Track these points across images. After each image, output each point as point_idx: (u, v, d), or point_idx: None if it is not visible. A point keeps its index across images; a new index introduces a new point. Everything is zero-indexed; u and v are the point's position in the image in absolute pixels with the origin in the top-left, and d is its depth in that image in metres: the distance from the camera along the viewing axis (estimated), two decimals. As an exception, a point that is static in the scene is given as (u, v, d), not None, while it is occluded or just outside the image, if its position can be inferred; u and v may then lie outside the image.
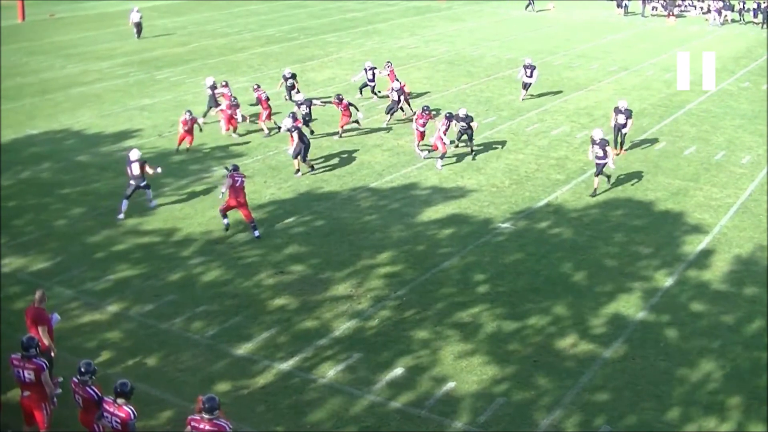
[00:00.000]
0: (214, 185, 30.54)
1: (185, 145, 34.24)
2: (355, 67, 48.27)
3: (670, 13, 73.86)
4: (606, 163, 29.35)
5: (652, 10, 76.07)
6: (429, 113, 33.82)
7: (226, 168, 27.05)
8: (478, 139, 35.44)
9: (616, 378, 18.76)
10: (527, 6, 77.20)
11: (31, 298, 18.62)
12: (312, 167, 32.02)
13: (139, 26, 61.21)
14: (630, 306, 21.99)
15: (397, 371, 19.02)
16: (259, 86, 37.81)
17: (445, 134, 32.35)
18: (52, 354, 17.58)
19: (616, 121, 33.50)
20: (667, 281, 23.40)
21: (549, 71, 50.24)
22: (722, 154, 34.14)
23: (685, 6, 77.06)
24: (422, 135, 33.93)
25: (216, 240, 26.18)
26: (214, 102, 37.77)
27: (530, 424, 17.24)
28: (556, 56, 55.54)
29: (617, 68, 51.57)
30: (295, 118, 31.32)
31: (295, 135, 30.71)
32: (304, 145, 31.08)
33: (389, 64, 42.66)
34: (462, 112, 33.58)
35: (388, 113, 38.18)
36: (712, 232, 26.64)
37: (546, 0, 78.17)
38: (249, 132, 37.19)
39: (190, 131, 33.93)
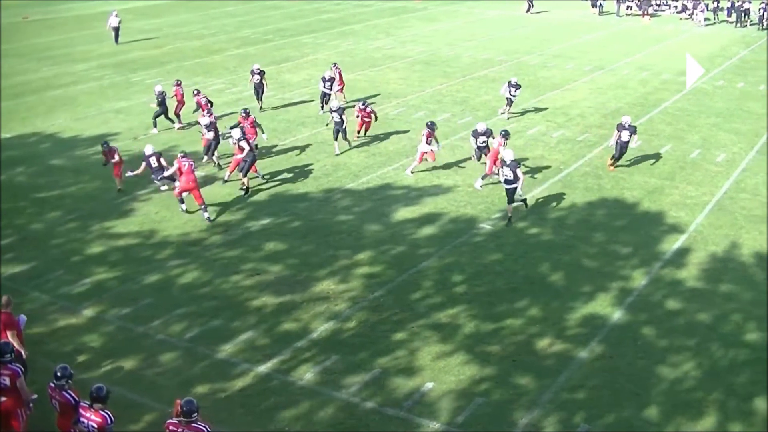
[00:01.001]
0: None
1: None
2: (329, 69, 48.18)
3: (645, 13, 74.13)
4: (515, 188, 27.22)
5: (627, 9, 76.35)
6: (366, 108, 35.55)
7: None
8: (454, 140, 35.54)
9: (595, 377, 18.81)
10: (528, 9, 76.72)
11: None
12: (247, 190, 30.40)
13: (117, 30, 60.70)
14: (607, 305, 22.05)
15: (375, 372, 19.01)
16: (199, 91, 37.48)
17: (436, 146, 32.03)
18: (24, 356, 17.51)
19: (619, 138, 31.62)
20: (644, 280, 23.48)
21: (524, 71, 50.37)
22: (698, 152, 34.29)
23: (660, 5, 77.35)
24: (363, 124, 35.69)
25: (193, 242, 26.11)
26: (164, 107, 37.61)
27: (509, 423, 17.26)
28: (532, 56, 55.66)
29: (592, 68, 51.72)
30: (243, 131, 30.49)
31: (244, 145, 29.87)
32: (249, 159, 30.02)
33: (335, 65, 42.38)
34: (480, 128, 31.77)
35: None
36: (688, 231, 26.74)
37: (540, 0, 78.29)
38: (224, 134, 37.00)
39: (115, 162, 30.74)
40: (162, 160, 29.19)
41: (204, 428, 13.68)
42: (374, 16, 75.02)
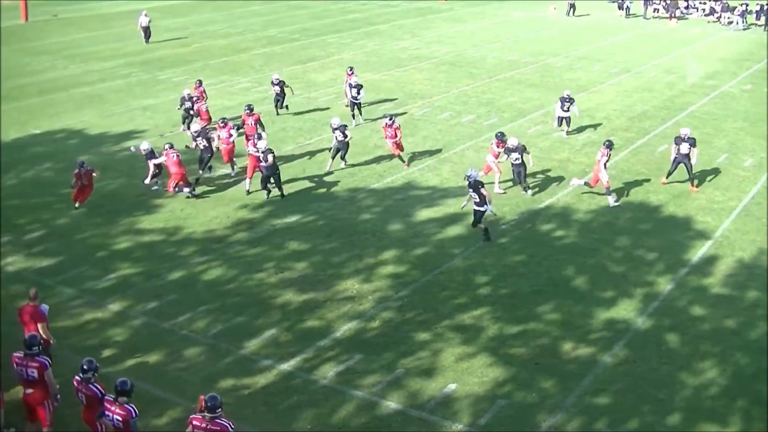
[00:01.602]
0: (215, 185, 30.58)
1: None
2: (356, 68, 48.13)
3: (672, 15, 73.85)
4: (486, 210, 25.91)
5: (654, 12, 76.02)
6: (393, 124, 32.64)
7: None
8: (479, 141, 35.57)
9: (618, 381, 18.74)
10: (568, 11, 76.10)
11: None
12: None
13: (147, 30, 60.67)
14: (632, 309, 21.97)
15: (398, 373, 19.01)
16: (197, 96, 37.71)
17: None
18: (51, 342, 17.69)
19: (678, 152, 30.13)
20: (669, 285, 23.38)
21: (551, 73, 50.33)
22: (725, 156, 34.12)
23: (687, 8, 77.01)
24: (395, 146, 32.98)
25: (218, 239, 26.19)
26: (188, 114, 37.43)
27: (531, 426, 17.22)
28: (558, 58, 55.54)
29: (619, 70, 51.56)
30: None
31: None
32: (276, 172, 29.48)
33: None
34: (512, 143, 29.95)
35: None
36: (714, 236, 26.61)
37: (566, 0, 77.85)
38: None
39: (84, 185, 28.53)
40: (151, 161, 29.75)
41: (227, 424, 13.73)
42: (400, 17, 75.04)
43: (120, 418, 14.00)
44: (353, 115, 38.88)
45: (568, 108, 36.79)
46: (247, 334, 20.59)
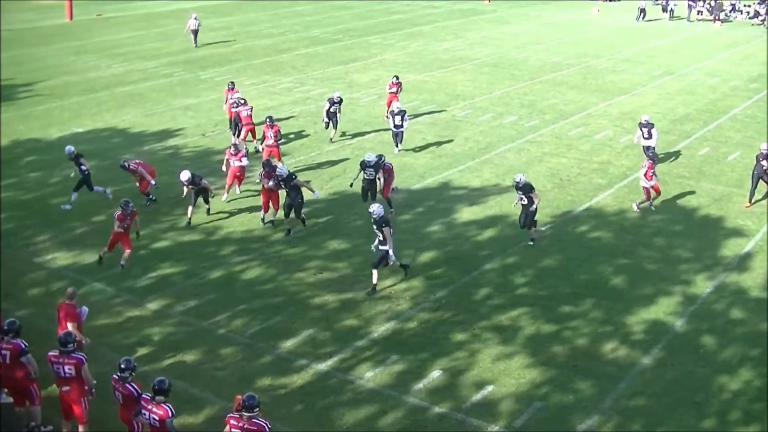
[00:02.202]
0: (255, 184, 30.69)
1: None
2: (398, 69, 48.24)
3: (716, 18, 73.29)
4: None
5: (698, 14, 75.46)
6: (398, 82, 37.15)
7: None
8: (520, 143, 35.53)
9: (655, 384, 18.68)
10: (638, 17, 74.64)
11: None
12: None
13: (195, 33, 60.22)
14: (669, 312, 21.89)
15: (435, 374, 19.05)
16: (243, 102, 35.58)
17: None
18: (84, 342, 17.84)
19: (761, 169, 28.91)
20: (707, 288, 23.27)
21: (593, 75, 50.12)
22: (767, 160, 33.84)
23: (732, 10, 76.41)
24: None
25: (256, 239, 26.33)
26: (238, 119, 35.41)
27: (567, 428, 17.21)
28: (601, 60, 55.32)
29: (661, 73, 51.27)
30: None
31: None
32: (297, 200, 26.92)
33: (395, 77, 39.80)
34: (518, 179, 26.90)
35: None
36: (754, 239, 26.44)
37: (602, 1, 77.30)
38: (290, 133, 37.27)
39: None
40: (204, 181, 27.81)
41: (264, 424, 13.81)
42: (443, 18, 74.99)
43: (157, 418, 14.12)
44: (396, 143, 34.97)
45: (650, 133, 32.37)
46: (285, 334, 20.69)
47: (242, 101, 34.83)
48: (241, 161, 29.32)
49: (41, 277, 23.77)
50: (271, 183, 26.86)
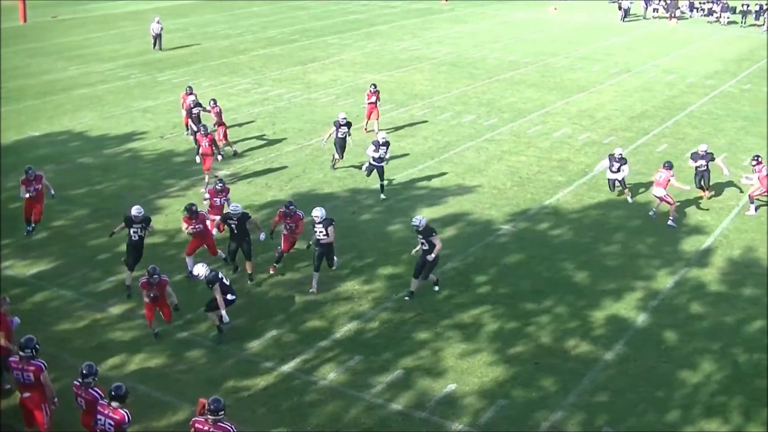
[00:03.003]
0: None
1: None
2: (356, 69, 48.25)
3: (672, 15, 73.89)
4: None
5: (654, 12, 76.06)
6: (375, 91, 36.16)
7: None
8: (479, 142, 35.63)
9: (618, 380, 18.80)
10: (622, 17, 74.90)
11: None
12: None
13: (158, 37, 59.59)
14: (631, 308, 22.04)
15: (398, 373, 19.06)
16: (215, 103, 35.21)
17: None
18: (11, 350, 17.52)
19: (697, 168, 29.93)
20: (668, 283, 23.46)
21: (551, 73, 50.37)
22: (724, 156, 34.09)
23: (688, 8, 77.03)
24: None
25: (219, 240, 26.14)
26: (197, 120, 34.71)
27: (532, 425, 17.28)
28: (558, 58, 55.61)
29: (619, 70, 51.63)
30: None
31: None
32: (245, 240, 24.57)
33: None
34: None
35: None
36: (713, 234, 26.69)
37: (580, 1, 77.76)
38: (250, 134, 37.15)
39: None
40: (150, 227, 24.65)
41: (229, 427, 13.76)
42: (400, 17, 75.06)
43: (113, 423, 14.02)
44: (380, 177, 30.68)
45: (619, 169, 29.67)
46: (248, 336, 20.63)
47: (198, 103, 34.83)
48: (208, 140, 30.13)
49: None
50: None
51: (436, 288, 23.03)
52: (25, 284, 23.24)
